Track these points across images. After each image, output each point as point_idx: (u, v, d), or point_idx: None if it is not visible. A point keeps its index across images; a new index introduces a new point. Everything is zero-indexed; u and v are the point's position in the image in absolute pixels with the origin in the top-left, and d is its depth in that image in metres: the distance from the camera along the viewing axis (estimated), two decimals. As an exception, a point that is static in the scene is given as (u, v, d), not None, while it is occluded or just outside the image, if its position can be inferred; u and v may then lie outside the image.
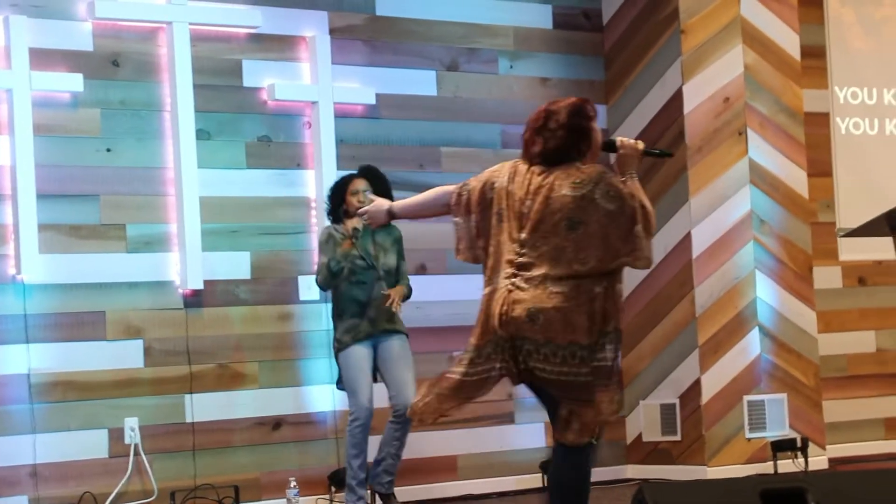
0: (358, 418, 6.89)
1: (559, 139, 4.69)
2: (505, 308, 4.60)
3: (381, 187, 7.01)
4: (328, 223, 7.14)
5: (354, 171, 7.15)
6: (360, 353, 6.94)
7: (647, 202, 4.62)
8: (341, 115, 7.82)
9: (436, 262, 8.01)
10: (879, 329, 9.29)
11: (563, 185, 4.61)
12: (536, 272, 4.59)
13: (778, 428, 8.16)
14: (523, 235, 4.63)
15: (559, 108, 4.75)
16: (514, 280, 4.62)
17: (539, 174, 4.69)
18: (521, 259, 4.62)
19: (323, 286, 7.03)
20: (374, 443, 7.01)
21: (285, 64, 7.74)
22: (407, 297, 7.07)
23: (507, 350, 4.63)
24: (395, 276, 7.05)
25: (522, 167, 4.75)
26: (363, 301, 6.95)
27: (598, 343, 4.57)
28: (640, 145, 4.73)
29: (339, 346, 6.98)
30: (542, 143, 4.71)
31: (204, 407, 7.37)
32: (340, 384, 7.05)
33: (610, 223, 4.58)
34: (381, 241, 7.05)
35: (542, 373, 4.59)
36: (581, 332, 4.54)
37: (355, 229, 6.91)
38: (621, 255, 4.58)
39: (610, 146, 4.76)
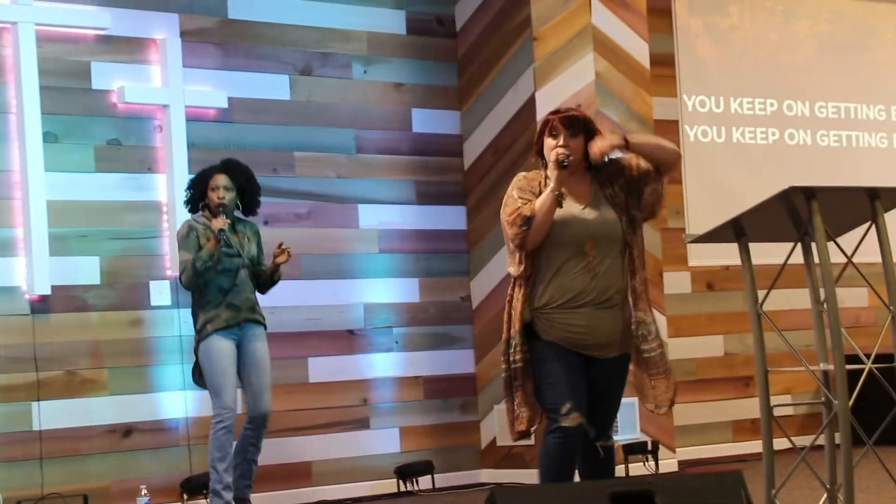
0: (223, 420, 6.77)
1: None
2: None
3: (243, 181, 6.96)
4: (189, 216, 7.01)
5: (216, 164, 7.03)
6: (223, 350, 6.80)
7: (525, 211, 4.91)
8: (193, 119, 7.74)
9: (289, 267, 7.94)
10: (727, 333, 9.47)
11: None
12: None
13: (629, 431, 8.26)
14: None
15: None
16: None
17: None
18: None
19: (187, 285, 6.84)
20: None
21: (135, 66, 7.63)
22: (276, 278, 7.04)
23: None
24: (257, 266, 6.99)
25: None
26: (226, 288, 6.84)
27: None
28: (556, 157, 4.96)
29: (200, 337, 6.83)
30: None
31: (52, 414, 7.23)
32: (198, 380, 6.91)
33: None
34: (241, 230, 6.97)
35: None
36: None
37: (221, 231, 6.77)
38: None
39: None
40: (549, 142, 5.00)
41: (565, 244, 4.95)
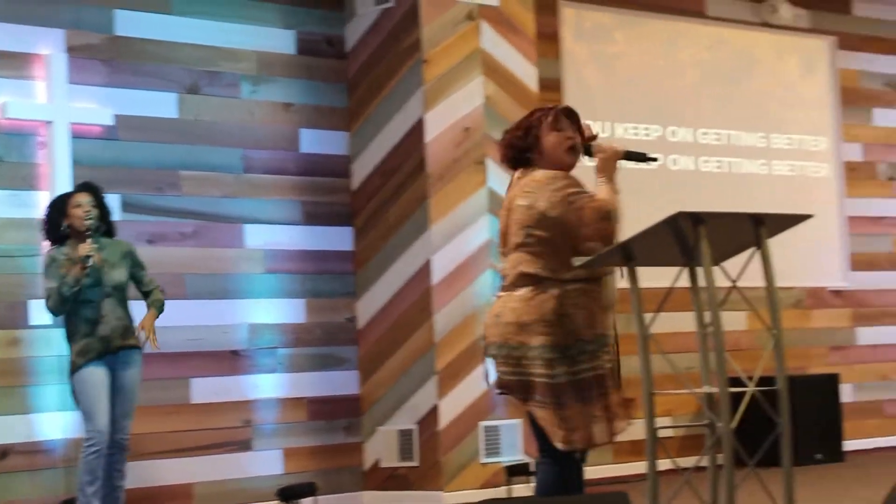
0: (95, 444, 6.68)
1: (504, 144, 4.94)
2: (487, 321, 4.85)
3: (102, 201, 6.87)
4: (50, 247, 6.87)
5: (70, 191, 6.95)
6: (96, 376, 6.70)
7: (609, 205, 4.74)
8: (78, 136, 7.63)
9: (174, 286, 7.86)
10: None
11: (518, 195, 4.79)
12: (507, 283, 4.79)
13: (512, 453, 8.31)
14: (502, 249, 4.85)
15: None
16: (499, 293, 4.84)
17: (512, 186, 4.89)
18: (502, 272, 4.83)
19: (55, 312, 6.76)
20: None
21: (19, 82, 7.52)
22: (160, 310, 6.94)
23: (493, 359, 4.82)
24: (124, 292, 6.86)
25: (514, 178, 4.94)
26: (93, 319, 6.73)
27: (553, 350, 4.68)
28: (620, 148, 4.88)
29: (74, 368, 6.74)
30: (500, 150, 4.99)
31: (-75, 436, 7.07)
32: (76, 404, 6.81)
33: (555, 230, 4.70)
34: (107, 256, 6.82)
35: (504, 375, 4.76)
36: (532, 335, 4.66)
37: (87, 257, 6.67)
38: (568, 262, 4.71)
39: (587, 150, 4.89)
40: (558, 135, 4.93)
41: None
